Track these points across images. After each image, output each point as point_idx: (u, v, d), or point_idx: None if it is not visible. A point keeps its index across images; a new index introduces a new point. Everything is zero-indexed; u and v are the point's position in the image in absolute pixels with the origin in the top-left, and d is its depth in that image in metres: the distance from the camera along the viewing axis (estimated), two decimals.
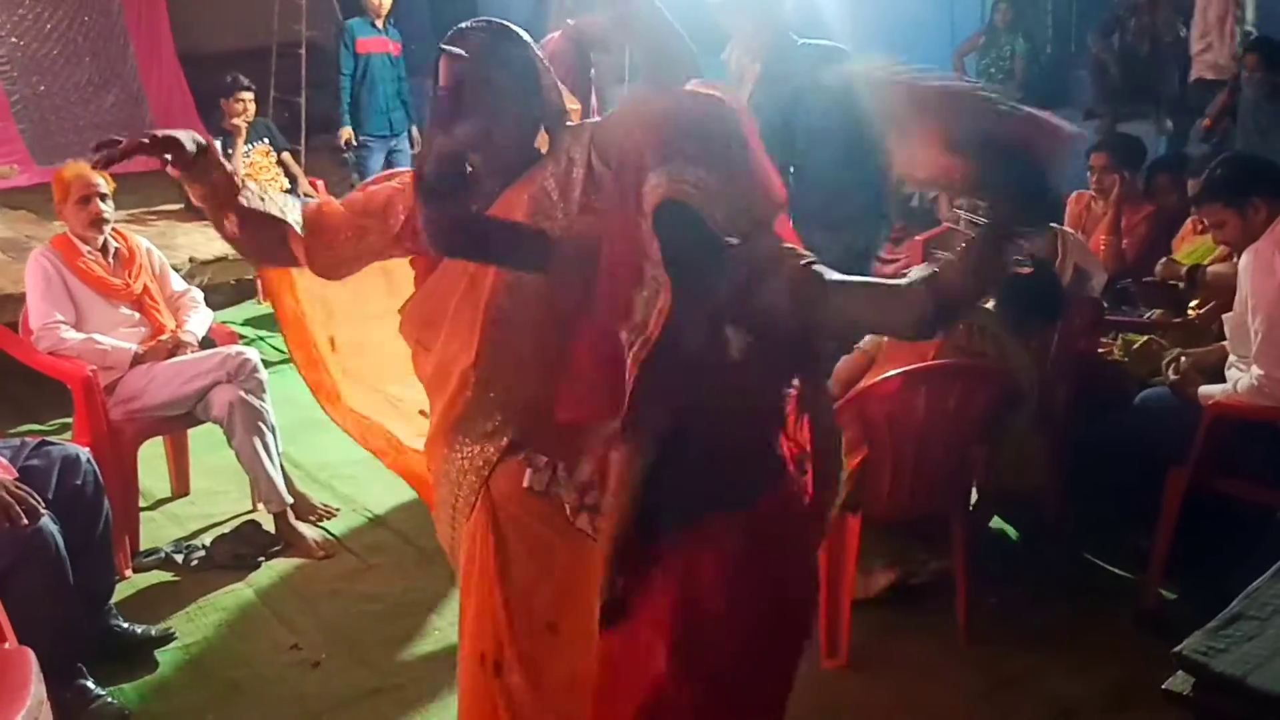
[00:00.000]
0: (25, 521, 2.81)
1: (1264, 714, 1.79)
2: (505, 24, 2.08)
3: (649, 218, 1.72)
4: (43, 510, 2.89)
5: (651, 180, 1.72)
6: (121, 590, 3.58)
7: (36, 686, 2.41)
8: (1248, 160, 3.62)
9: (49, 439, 3.33)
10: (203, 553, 3.91)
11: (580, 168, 1.95)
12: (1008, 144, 1.62)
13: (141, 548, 3.94)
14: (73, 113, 9.57)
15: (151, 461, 4.28)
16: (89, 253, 4.03)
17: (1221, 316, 3.55)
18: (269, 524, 4.01)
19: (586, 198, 1.94)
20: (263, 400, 3.96)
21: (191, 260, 4.98)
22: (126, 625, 3.35)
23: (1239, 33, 6.59)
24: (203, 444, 4.38)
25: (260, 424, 3.93)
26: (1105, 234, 4.65)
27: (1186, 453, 3.32)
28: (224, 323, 4.42)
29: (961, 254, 1.69)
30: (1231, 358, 3.41)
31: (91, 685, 3.06)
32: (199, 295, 4.28)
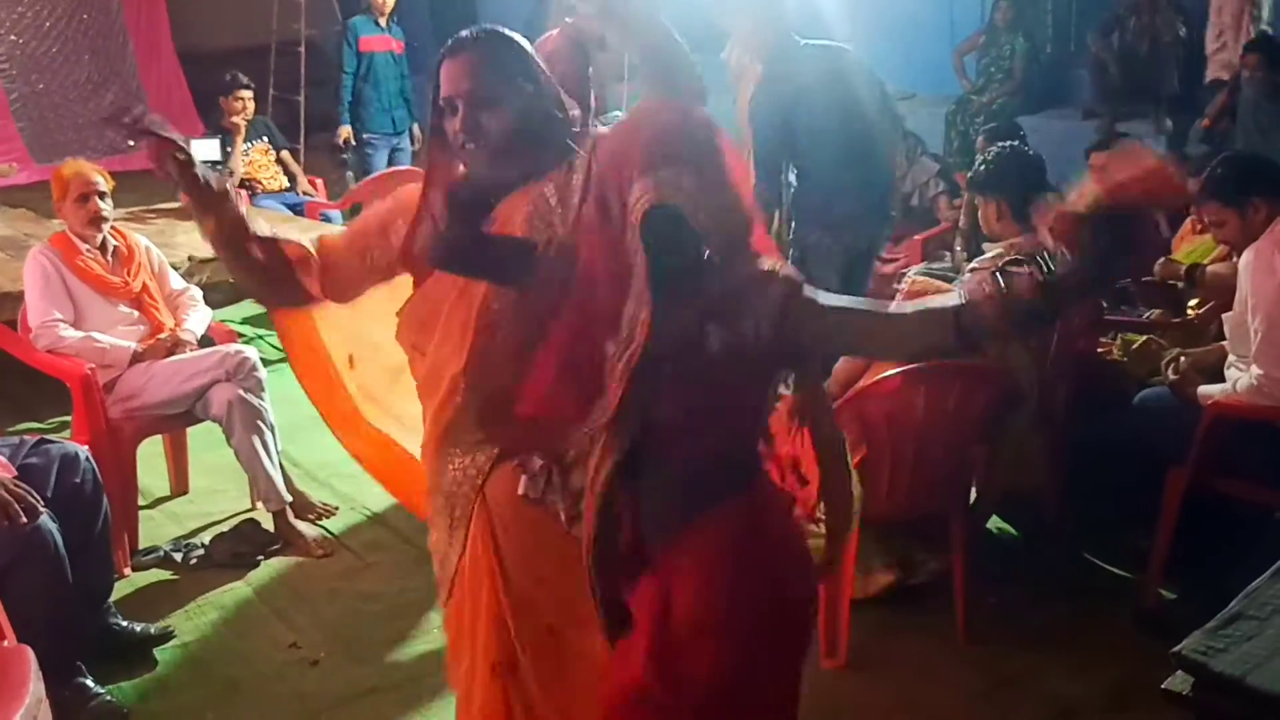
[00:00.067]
0: (24, 520, 2.81)
1: (1263, 713, 1.79)
2: (506, 32, 2.07)
3: (636, 227, 1.72)
4: (41, 508, 2.89)
5: (639, 187, 1.73)
6: (120, 588, 3.58)
7: (35, 684, 2.41)
8: (1248, 159, 3.62)
9: (48, 437, 3.34)
10: (202, 551, 3.91)
11: (580, 175, 1.94)
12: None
13: (140, 546, 3.94)
14: (72, 111, 9.57)
15: (150, 460, 4.28)
16: (88, 251, 4.03)
17: (1221, 316, 3.55)
18: (268, 522, 4.01)
19: (584, 205, 1.94)
20: (262, 399, 3.96)
21: (190, 258, 4.97)
22: (125, 623, 3.35)
23: (1254, 32, 6.56)
24: (202, 442, 4.38)
25: (259, 422, 3.93)
26: None
27: (1186, 453, 3.32)
28: (223, 321, 4.42)
29: (1005, 297, 1.70)
30: (1231, 357, 3.41)
31: (90, 683, 3.06)
32: (198, 293, 4.28)
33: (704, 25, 4.43)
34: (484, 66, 1.98)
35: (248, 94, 6.65)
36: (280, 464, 4.01)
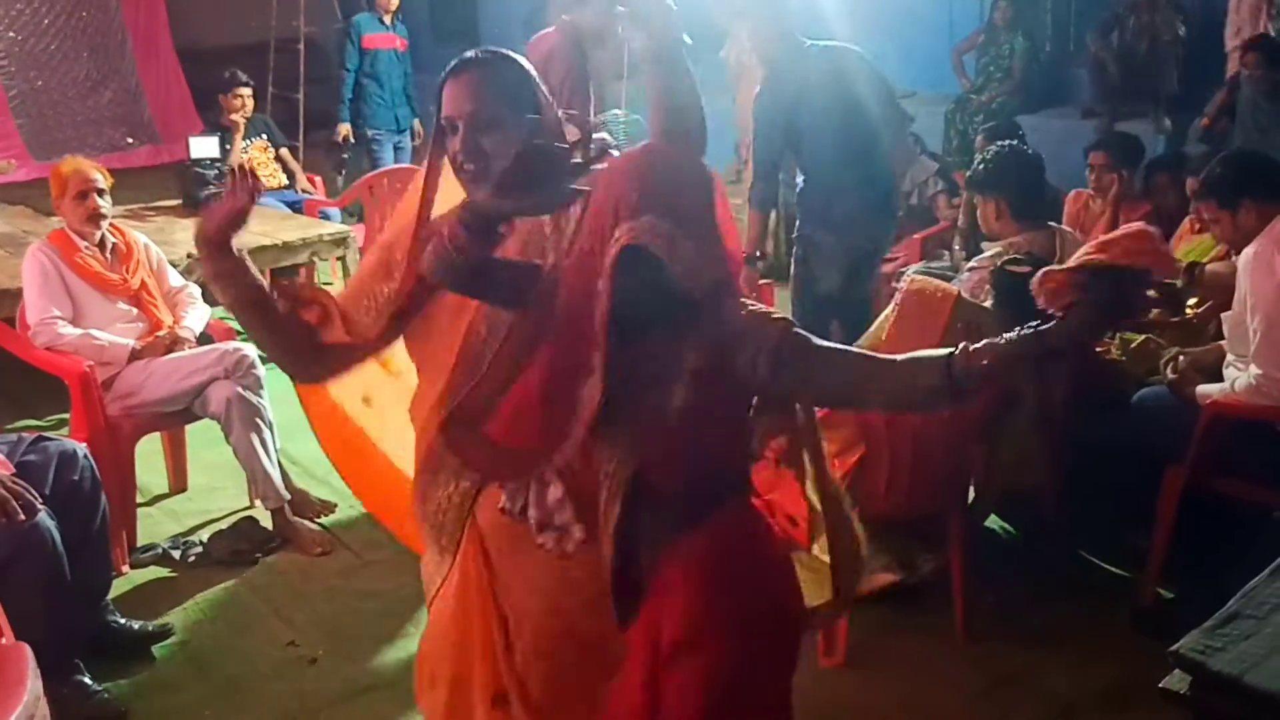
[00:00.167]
0: (22, 517, 2.81)
1: (1261, 712, 1.79)
2: (511, 55, 2.07)
3: (608, 268, 1.72)
4: (40, 506, 2.89)
5: (619, 230, 1.73)
6: (118, 586, 3.58)
7: (33, 682, 2.41)
8: (1248, 159, 3.61)
9: (46, 434, 3.33)
10: (200, 549, 3.91)
11: (578, 207, 1.93)
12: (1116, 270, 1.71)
13: (139, 544, 3.94)
14: (70, 108, 9.58)
15: (149, 457, 4.28)
16: (86, 248, 4.03)
17: (1220, 315, 3.55)
18: (266, 520, 4.01)
19: (576, 240, 1.93)
20: (260, 396, 3.97)
21: (189, 256, 4.95)
22: (123, 621, 3.36)
23: (1274, 29, 6.52)
24: (200, 440, 4.38)
25: (258, 420, 3.93)
26: (1104, 233, 4.65)
27: (1184, 452, 3.32)
28: (221, 319, 4.41)
29: (1010, 346, 1.71)
30: (1230, 357, 3.41)
31: (88, 681, 3.06)
32: (197, 291, 4.27)
33: (704, 24, 4.43)
34: (486, 89, 1.97)
35: (247, 91, 6.65)
36: (279, 462, 4.01)
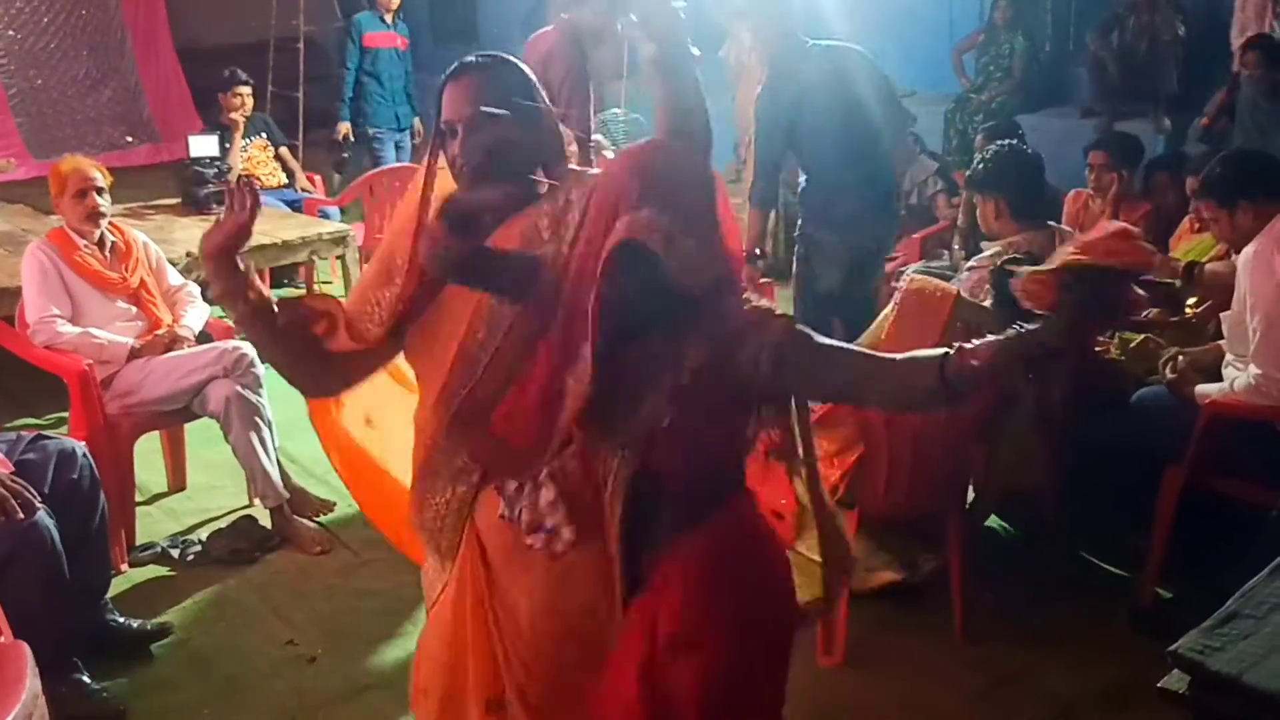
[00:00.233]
0: (21, 515, 2.81)
1: (1259, 712, 1.79)
2: (510, 59, 2.07)
3: (604, 261, 1.72)
4: (38, 504, 2.89)
5: (619, 223, 1.73)
6: (117, 585, 3.57)
7: (32, 681, 2.41)
8: (1247, 159, 3.61)
9: (45, 433, 3.33)
10: (199, 548, 3.91)
11: (577, 211, 1.93)
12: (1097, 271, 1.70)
13: (138, 542, 3.94)
14: (70, 107, 9.57)
15: (148, 456, 4.28)
16: (86, 246, 4.03)
17: (1219, 315, 3.55)
18: (265, 519, 4.01)
19: (579, 236, 1.93)
20: (259, 395, 3.96)
21: (189, 255, 4.95)
22: (122, 620, 3.35)
23: (1279, 29, 6.51)
24: (199, 439, 4.38)
25: (257, 419, 3.93)
26: None
27: (1183, 452, 3.32)
28: (221, 317, 4.40)
29: (995, 347, 1.73)
30: (1229, 357, 3.41)
31: (87, 680, 3.06)
32: (196, 290, 4.27)
33: (704, 24, 4.43)
34: (486, 93, 1.98)
35: (246, 90, 6.64)
36: (278, 460, 4.00)
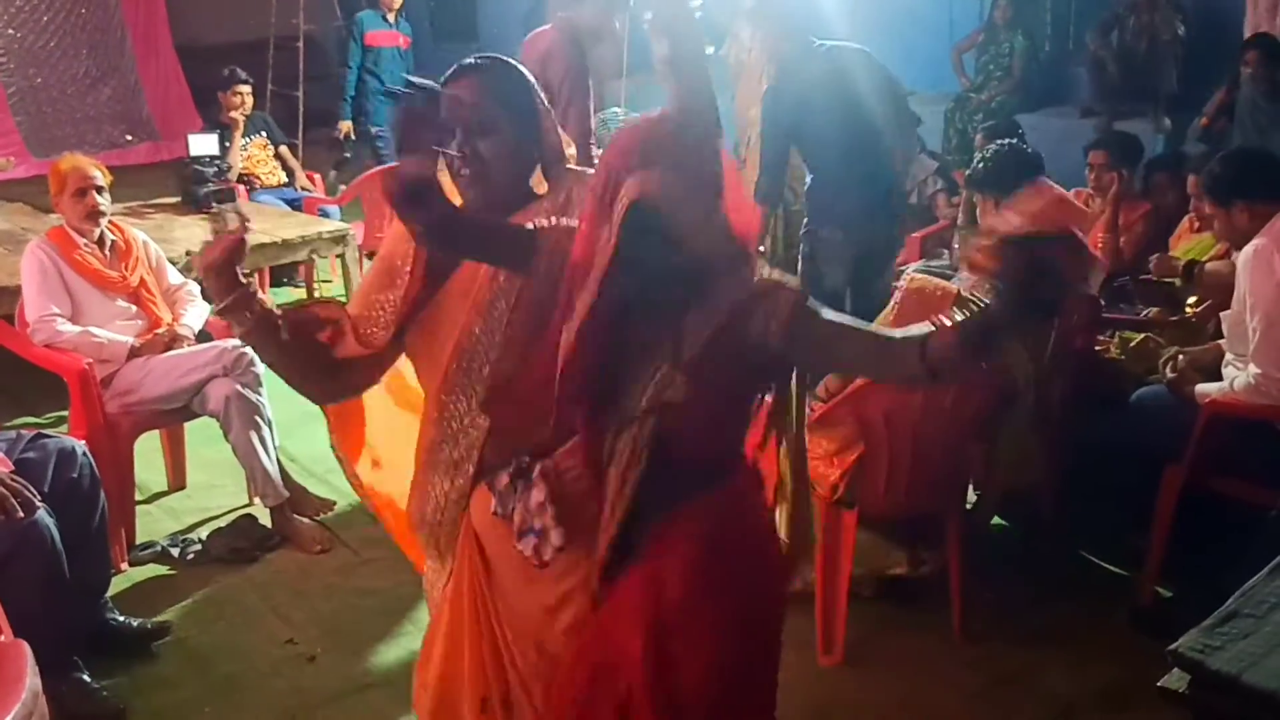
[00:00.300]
0: (21, 514, 2.81)
1: (1259, 711, 1.79)
2: (509, 61, 2.07)
3: (616, 222, 1.72)
4: (38, 503, 2.89)
5: (628, 182, 1.72)
6: (117, 584, 3.57)
7: (32, 680, 2.41)
8: (1247, 159, 3.61)
9: (45, 432, 3.33)
10: (199, 546, 3.91)
11: (577, 209, 1.93)
12: (1037, 253, 1.70)
13: (137, 541, 3.94)
14: (69, 105, 9.58)
15: (148, 455, 4.28)
16: (85, 245, 4.02)
17: (1219, 314, 3.55)
18: (265, 518, 4.01)
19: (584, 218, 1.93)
20: (259, 394, 3.96)
21: (189, 254, 4.95)
22: (122, 619, 3.35)
23: None
24: (199, 438, 4.38)
25: (257, 418, 3.93)
26: (1103, 232, 4.65)
27: (1183, 451, 3.32)
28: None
29: (959, 325, 1.72)
30: (1229, 356, 3.41)
31: (87, 678, 3.06)
32: (196, 288, 4.26)
33: (704, 24, 4.42)
34: (485, 94, 1.98)
35: (246, 89, 6.64)
36: (278, 459, 4.00)
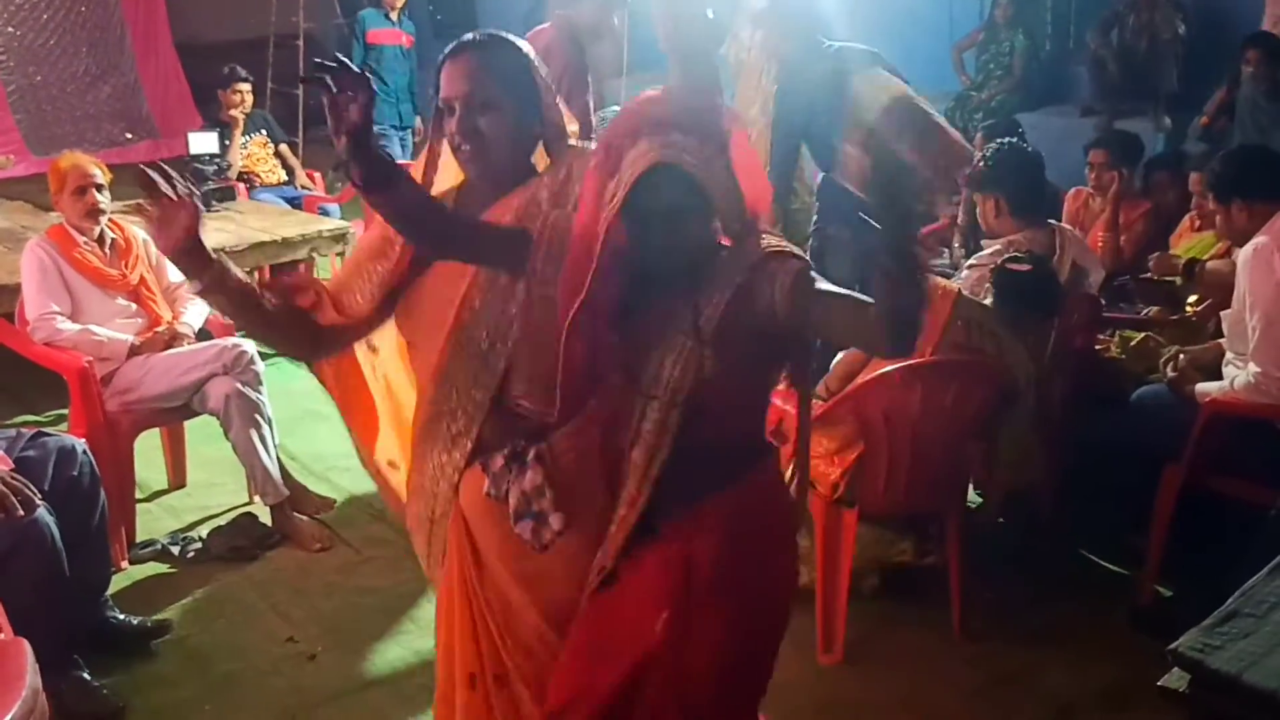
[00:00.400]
0: (21, 513, 2.80)
1: (1259, 711, 1.79)
2: (509, 37, 2.06)
3: (627, 185, 1.69)
4: (38, 501, 2.88)
5: (641, 146, 1.70)
6: (117, 582, 3.57)
7: (32, 678, 2.41)
8: (1248, 158, 3.61)
9: (45, 430, 3.33)
10: (199, 545, 3.90)
11: (578, 185, 1.92)
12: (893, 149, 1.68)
13: (138, 539, 3.93)
14: (69, 103, 9.56)
15: (148, 453, 4.28)
16: (85, 243, 4.02)
17: (1219, 313, 3.55)
18: (265, 516, 4.00)
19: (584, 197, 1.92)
20: (259, 392, 3.96)
21: None
22: (122, 617, 3.35)
23: None
24: (199, 436, 4.37)
25: (257, 416, 3.93)
26: (1103, 231, 4.66)
27: (1183, 450, 3.32)
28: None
29: (876, 279, 1.60)
30: (1229, 355, 3.41)
31: (87, 676, 3.06)
32: None
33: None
34: (484, 71, 1.97)
35: (246, 87, 6.64)
36: (278, 458, 4.00)
